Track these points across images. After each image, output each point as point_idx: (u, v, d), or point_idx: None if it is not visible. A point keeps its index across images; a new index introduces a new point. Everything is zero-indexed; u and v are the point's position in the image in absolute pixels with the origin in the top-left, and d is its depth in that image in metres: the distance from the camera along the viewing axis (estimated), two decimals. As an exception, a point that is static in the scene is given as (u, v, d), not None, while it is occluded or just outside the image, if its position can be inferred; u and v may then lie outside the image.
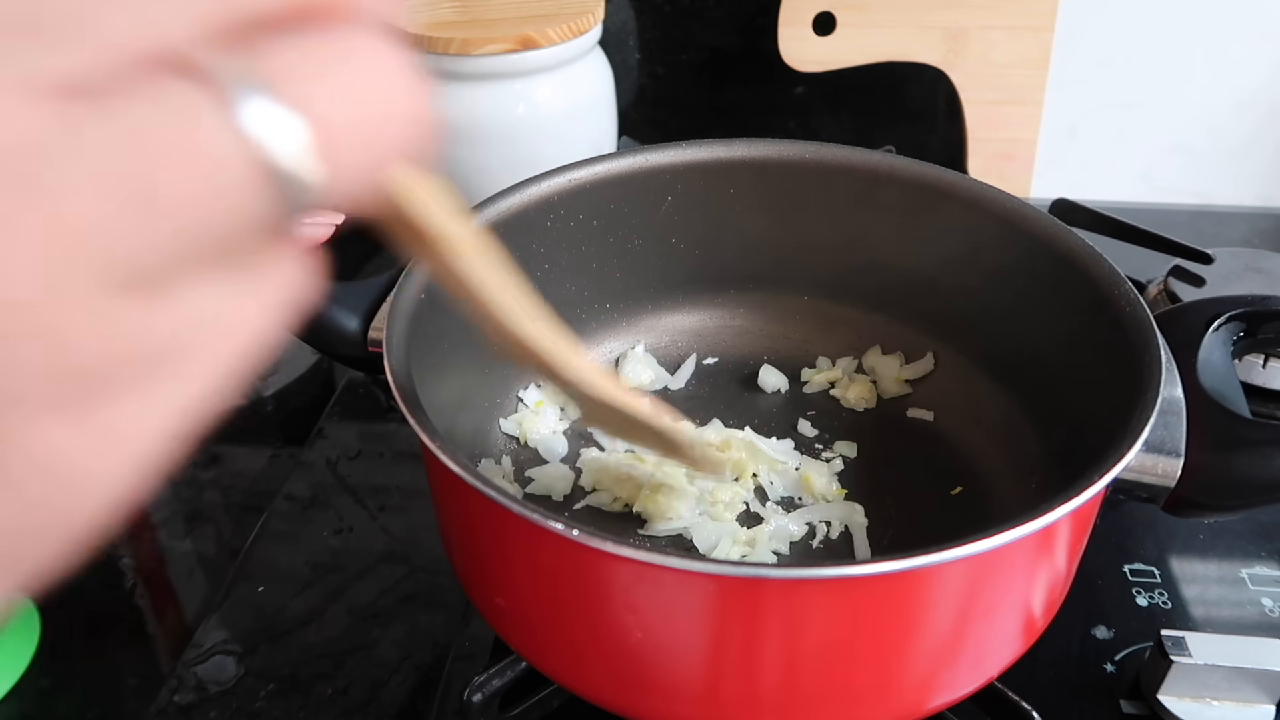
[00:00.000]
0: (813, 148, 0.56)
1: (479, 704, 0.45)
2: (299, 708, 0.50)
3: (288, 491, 0.63)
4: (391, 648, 0.53)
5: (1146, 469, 0.40)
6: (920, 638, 0.37)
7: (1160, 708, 0.47)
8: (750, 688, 0.37)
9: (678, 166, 0.56)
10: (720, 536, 0.50)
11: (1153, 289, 0.72)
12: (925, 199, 0.54)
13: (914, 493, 0.54)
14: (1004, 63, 0.85)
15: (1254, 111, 0.88)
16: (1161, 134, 0.90)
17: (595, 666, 0.40)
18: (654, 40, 0.93)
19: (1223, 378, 0.43)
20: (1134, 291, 0.45)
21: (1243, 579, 0.56)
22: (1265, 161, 0.90)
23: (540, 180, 0.54)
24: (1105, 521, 0.43)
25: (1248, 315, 0.46)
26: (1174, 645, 0.46)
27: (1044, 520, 0.34)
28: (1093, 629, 0.52)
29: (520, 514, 0.34)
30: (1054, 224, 0.50)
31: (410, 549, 0.59)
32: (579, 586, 0.37)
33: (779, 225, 0.58)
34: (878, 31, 0.85)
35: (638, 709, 0.40)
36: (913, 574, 0.34)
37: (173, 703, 0.50)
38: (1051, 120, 0.88)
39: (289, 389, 0.74)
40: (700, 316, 0.63)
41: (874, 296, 0.60)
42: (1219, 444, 0.40)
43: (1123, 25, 0.86)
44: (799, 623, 0.35)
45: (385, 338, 0.42)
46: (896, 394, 0.59)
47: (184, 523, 0.63)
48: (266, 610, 0.55)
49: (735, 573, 0.34)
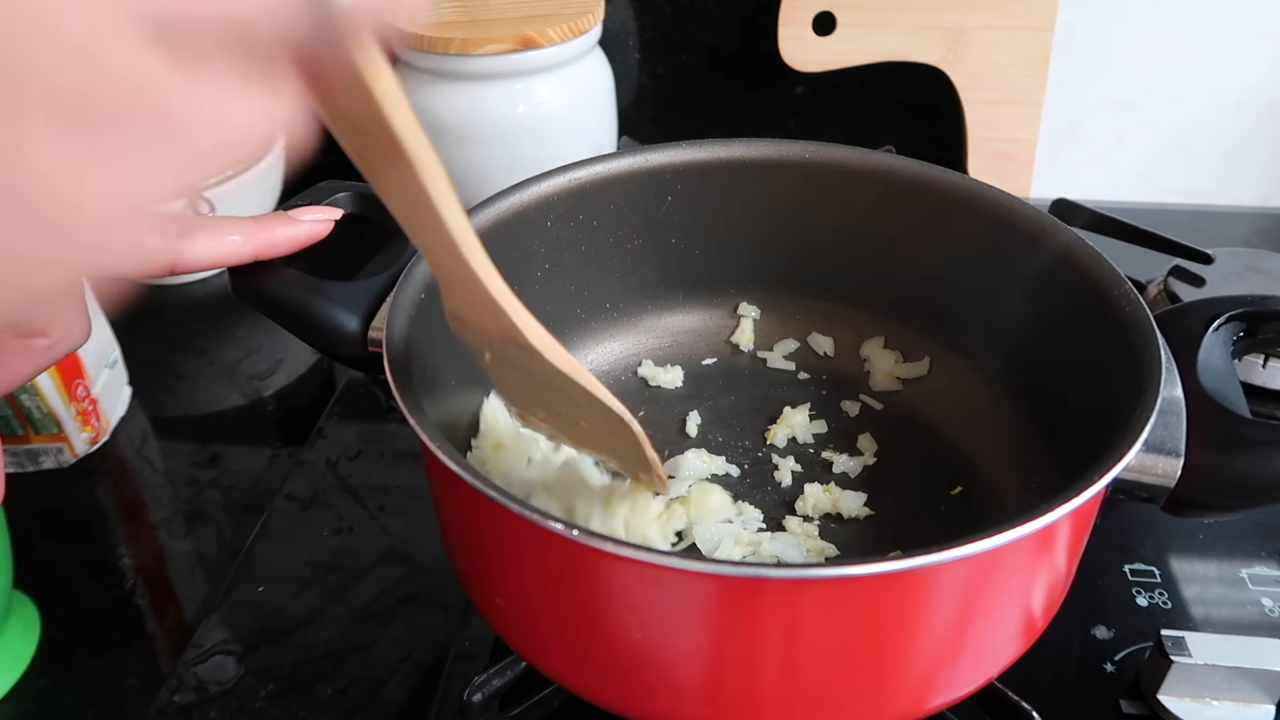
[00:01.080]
0: (813, 148, 0.56)
1: (479, 704, 0.45)
2: (299, 708, 0.50)
3: (288, 491, 0.63)
4: (391, 648, 0.53)
5: (1146, 469, 0.40)
6: (920, 638, 0.37)
7: (1160, 708, 0.47)
8: (750, 688, 0.37)
9: (678, 166, 0.56)
10: (722, 537, 0.50)
11: (1153, 289, 0.72)
12: (925, 199, 0.54)
13: (914, 493, 0.54)
14: (1004, 62, 0.85)
15: (1254, 111, 0.88)
16: (1161, 134, 0.90)
17: (595, 666, 0.40)
18: (654, 40, 0.93)
19: (1223, 378, 0.43)
20: (1134, 291, 0.45)
21: (1243, 579, 0.56)
22: (1265, 161, 0.90)
23: (540, 180, 0.54)
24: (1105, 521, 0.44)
25: (1248, 315, 0.46)
26: (1174, 645, 0.46)
27: (1044, 520, 0.34)
28: (1093, 629, 0.52)
29: (520, 514, 0.34)
30: (1054, 224, 0.50)
31: (410, 549, 0.59)
32: (579, 586, 0.37)
33: (779, 225, 0.58)
34: (878, 31, 0.85)
35: (638, 709, 0.40)
36: (913, 574, 0.34)
37: (173, 703, 0.50)
38: (1051, 120, 0.88)
39: (289, 389, 0.74)
40: (700, 316, 0.63)
41: (874, 296, 0.60)
42: (1219, 444, 0.40)
43: (1123, 25, 0.86)
44: (799, 623, 0.35)
45: (385, 338, 0.42)
46: (886, 388, 0.59)
47: (184, 523, 0.63)
48: (266, 610, 0.55)
49: (735, 573, 0.34)
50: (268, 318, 0.48)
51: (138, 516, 0.64)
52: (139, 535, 0.63)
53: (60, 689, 0.53)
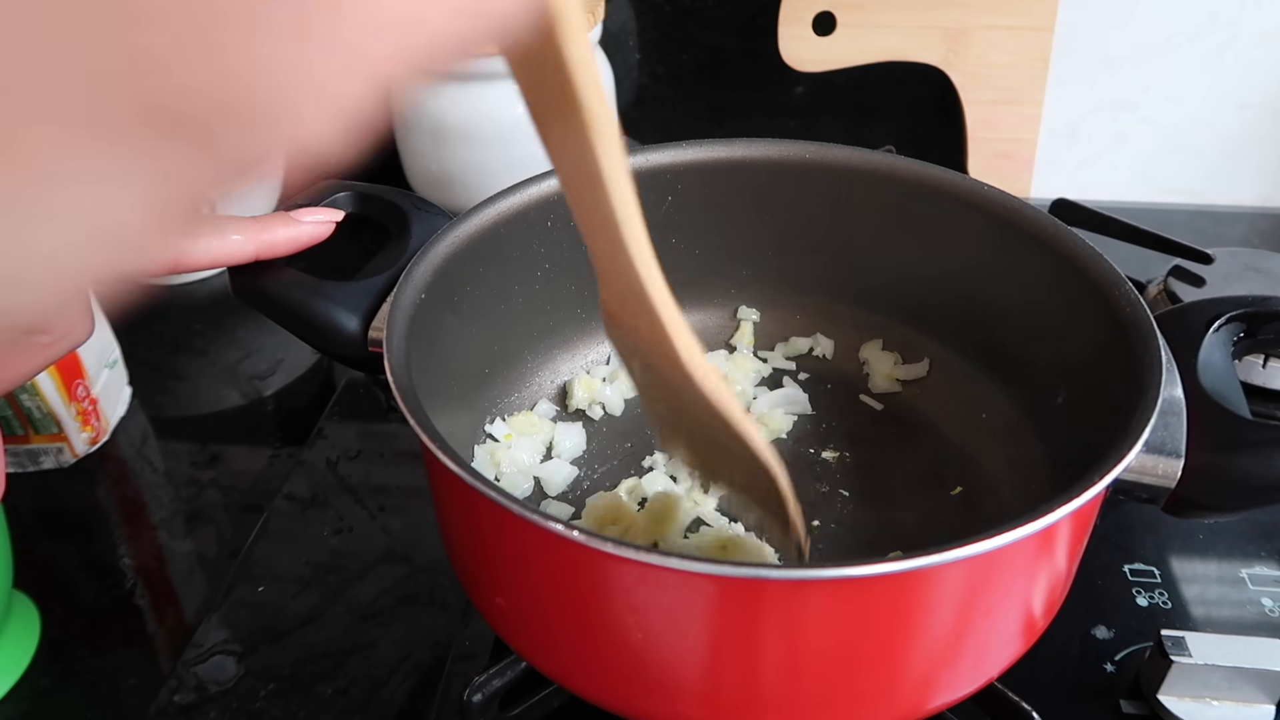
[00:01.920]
0: (813, 148, 0.56)
1: (479, 704, 0.45)
2: (299, 708, 0.50)
3: (288, 491, 0.63)
4: (391, 648, 0.53)
5: (1147, 469, 0.40)
6: (920, 638, 0.37)
7: (1160, 708, 0.47)
8: (750, 688, 0.37)
9: (678, 166, 0.56)
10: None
11: (1153, 289, 0.72)
12: (925, 199, 0.54)
13: (914, 493, 0.54)
14: (1004, 62, 0.85)
15: (1254, 111, 0.88)
16: (1161, 134, 0.90)
17: (595, 667, 0.40)
18: (654, 40, 0.93)
19: (1223, 378, 0.43)
20: (1134, 291, 0.45)
21: (1243, 579, 0.56)
22: (1265, 161, 0.90)
23: (540, 180, 0.54)
24: (1105, 521, 0.44)
25: (1248, 315, 0.46)
26: (1174, 645, 0.46)
27: (1044, 520, 0.34)
28: (1093, 629, 0.52)
29: (520, 514, 0.34)
30: (1054, 224, 0.50)
31: (410, 549, 0.59)
32: (579, 587, 0.37)
33: (779, 225, 0.58)
34: (878, 31, 0.85)
35: (638, 709, 0.40)
36: (913, 574, 0.34)
37: (173, 703, 0.50)
38: (1051, 120, 0.88)
39: (289, 389, 0.74)
40: (700, 316, 0.63)
41: (874, 296, 0.60)
42: (1219, 444, 0.40)
43: (1123, 25, 0.86)
44: (799, 623, 0.35)
45: (385, 338, 0.42)
46: (885, 390, 0.59)
47: (184, 523, 0.63)
48: (266, 610, 0.55)
49: (736, 573, 0.34)
50: (268, 318, 0.48)
51: (138, 516, 0.64)
52: (139, 535, 0.63)
53: (60, 689, 0.53)
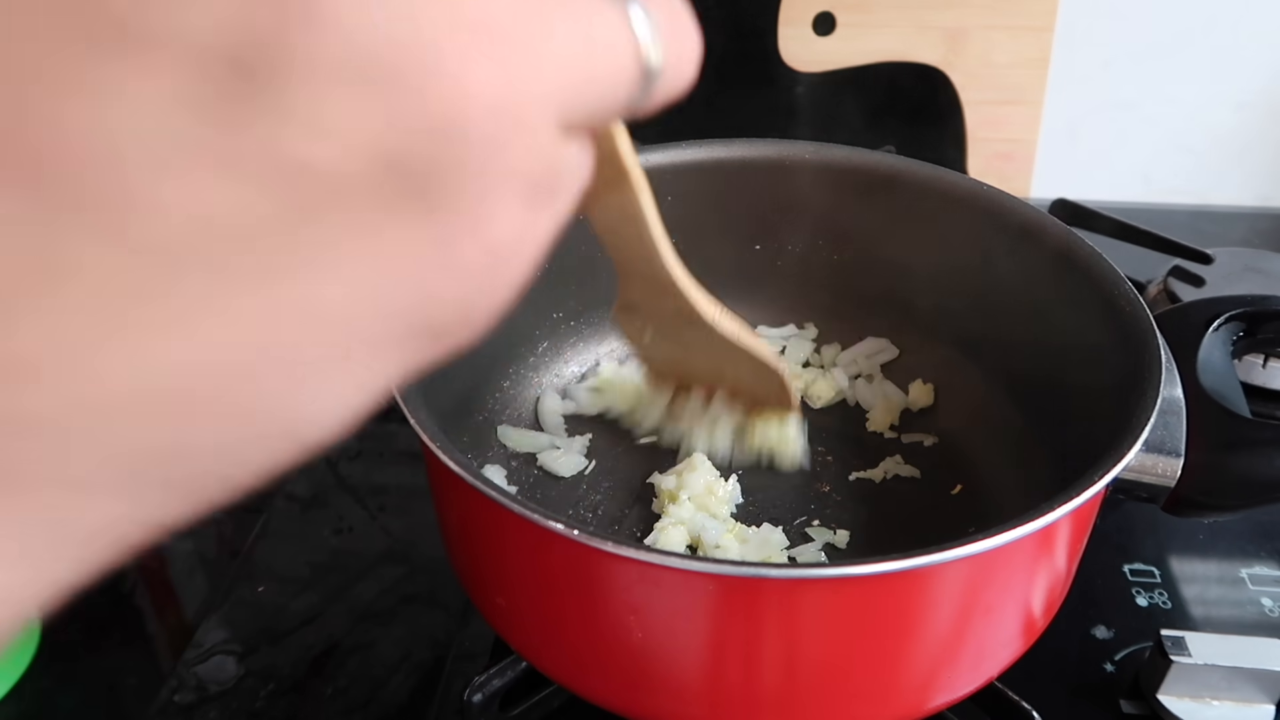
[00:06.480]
0: (813, 148, 0.56)
1: (479, 704, 0.45)
2: (299, 708, 0.50)
3: (288, 491, 0.63)
4: (391, 648, 0.53)
5: (1146, 469, 0.40)
6: (920, 637, 0.37)
7: (1160, 708, 0.47)
8: (750, 687, 0.37)
9: (678, 166, 0.56)
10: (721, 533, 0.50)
11: (1153, 289, 0.72)
12: (925, 199, 0.54)
13: (914, 493, 0.54)
14: (1004, 63, 0.85)
15: (1254, 112, 0.88)
16: (1161, 134, 0.90)
17: (595, 666, 0.40)
18: (654, 40, 0.93)
19: (1223, 378, 0.43)
20: (1134, 291, 0.45)
21: (1243, 579, 0.56)
22: (1265, 161, 0.90)
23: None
24: (1105, 521, 0.44)
25: (1248, 315, 0.46)
26: (1174, 645, 0.46)
27: (1044, 520, 0.34)
28: (1093, 629, 0.52)
29: (520, 514, 0.34)
30: (1054, 224, 0.50)
31: (410, 549, 0.59)
32: (579, 586, 0.37)
33: (779, 226, 0.58)
34: (878, 31, 0.85)
35: (638, 709, 0.40)
36: (913, 574, 0.34)
37: (173, 703, 0.50)
38: (1051, 120, 0.88)
39: (289, 389, 0.74)
40: (700, 316, 0.63)
41: (874, 296, 0.60)
42: (1219, 444, 0.40)
43: (1123, 25, 0.86)
44: (799, 622, 0.35)
45: (385, 338, 0.42)
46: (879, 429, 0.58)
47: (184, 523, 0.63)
48: (266, 610, 0.55)
49: (735, 573, 0.34)
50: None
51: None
52: (139, 535, 0.63)
53: (60, 689, 0.53)
